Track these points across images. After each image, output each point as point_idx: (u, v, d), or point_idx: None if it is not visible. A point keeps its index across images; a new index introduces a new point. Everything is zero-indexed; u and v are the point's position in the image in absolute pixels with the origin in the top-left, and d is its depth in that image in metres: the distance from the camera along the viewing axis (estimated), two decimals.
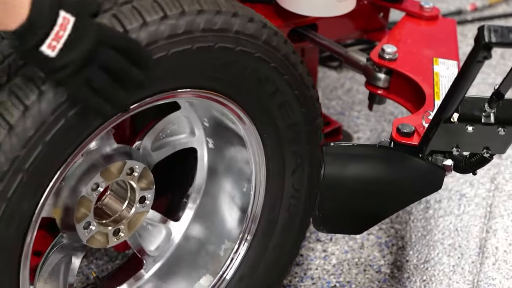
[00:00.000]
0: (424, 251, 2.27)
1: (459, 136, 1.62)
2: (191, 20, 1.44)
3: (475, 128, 1.58)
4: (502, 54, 3.20)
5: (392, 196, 1.76)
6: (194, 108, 1.73)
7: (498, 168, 2.58)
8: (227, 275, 1.86)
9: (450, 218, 2.38)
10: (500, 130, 1.58)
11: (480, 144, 1.63)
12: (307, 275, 2.18)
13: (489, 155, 1.66)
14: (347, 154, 1.72)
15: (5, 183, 1.31)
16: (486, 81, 3.01)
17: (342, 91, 2.92)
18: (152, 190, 1.68)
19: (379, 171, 1.72)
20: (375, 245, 2.28)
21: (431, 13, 2.26)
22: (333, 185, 1.72)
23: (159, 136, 1.73)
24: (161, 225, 1.84)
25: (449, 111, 1.57)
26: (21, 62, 1.31)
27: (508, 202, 2.45)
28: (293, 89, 1.68)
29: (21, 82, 1.30)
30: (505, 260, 2.24)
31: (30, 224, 1.39)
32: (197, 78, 1.53)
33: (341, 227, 1.85)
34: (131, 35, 1.36)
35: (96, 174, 1.55)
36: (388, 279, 2.18)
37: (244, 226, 1.83)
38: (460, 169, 1.73)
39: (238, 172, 1.82)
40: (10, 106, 1.29)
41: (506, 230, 2.34)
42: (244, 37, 1.54)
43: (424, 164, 1.68)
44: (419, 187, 1.75)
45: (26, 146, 1.30)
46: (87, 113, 1.35)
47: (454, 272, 2.20)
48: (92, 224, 1.59)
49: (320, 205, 1.76)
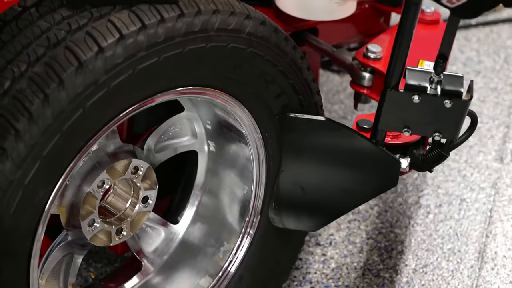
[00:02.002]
0: (423, 255, 2.27)
1: (407, 112, 1.62)
2: (206, 19, 1.46)
3: (421, 98, 1.59)
4: (506, 59, 3.19)
5: (347, 185, 1.76)
6: (198, 110, 1.74)
7: (500, 173, 2.58)
8: (226, 276, 1.86)
9: (450, 223, 2.38)
10: (447, 102, 1.59)
11: (430, 124, 1.64)
12: (306, 279, 2.18)
13: (446, 151, 1.67)
14: (303, 130, 1.72)
15: (23, 170, 1.31)
16: (489, 85, 3.00)
17: (345, 95, 2.92)
18: (155, 190, 1.69)
19: (333, 150, 1.73)
20: (375, 249, 2.28)
21: (432, 17, 2.27)
22: (289, 170, 1.73)
23: (162, 138, 1.75)
24: (160, 227, 1.85)
25: (395, 77, 1.60)
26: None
27: (508, 207, 2.45)
28: (298, 94, 1.70)
29: (42, 70, 1.31)
30: (504, 265, 2.24)
31: (42, 215, 1.39)
32: (206, 77, 1.55)
33: (297, 221, 1.84)
34: (149, 31, 1.38)
35: (102, 171, 1.56)
36: (387, 283, 2.18)
37: (243, 227, 1.84)
38: (417, 166, 1.75)
39: (239, 174, 1.83)
40: (30, 94, 1.30)
41: (506, 235, 2.34)
42: (256, 39, 1.56)
43: (377, 149, 1.69)
44: (374, 177, 1.74)
45: (45, 134, 1.31)
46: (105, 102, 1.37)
47: (453, 277, 2.20)
48: (96, 221, 1.61)
49: (276, 196, 1.78)
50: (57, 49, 1.33)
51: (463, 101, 1.59)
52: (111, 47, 1.34)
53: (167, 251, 1.88)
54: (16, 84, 1.32)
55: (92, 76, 1.33)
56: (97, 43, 1.33)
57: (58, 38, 1.34)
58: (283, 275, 2.00)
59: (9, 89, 1.31)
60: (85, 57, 1.32)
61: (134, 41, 1.36)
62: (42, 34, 1.36)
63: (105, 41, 1.34)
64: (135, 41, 1.36)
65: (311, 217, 1.82)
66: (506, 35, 3.36)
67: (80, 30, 1.35)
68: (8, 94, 1.31)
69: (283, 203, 1.79)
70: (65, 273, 1.68)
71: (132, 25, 1.37)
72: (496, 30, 3.40)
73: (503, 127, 2.79)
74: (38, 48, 1.34)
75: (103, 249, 2.16)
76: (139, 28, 1.37)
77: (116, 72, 1.36)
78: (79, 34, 1.35)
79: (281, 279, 2.00)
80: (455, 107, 1.59)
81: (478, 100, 2.89)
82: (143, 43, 1.38)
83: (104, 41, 1.34)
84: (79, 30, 1.35)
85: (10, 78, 1.32)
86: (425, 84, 1.59)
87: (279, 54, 1.62)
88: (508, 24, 3.44)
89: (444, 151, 1.69)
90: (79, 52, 1.32)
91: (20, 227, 1.36)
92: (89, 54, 1.33)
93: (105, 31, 1.35)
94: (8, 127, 1.30)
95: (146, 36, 1.38)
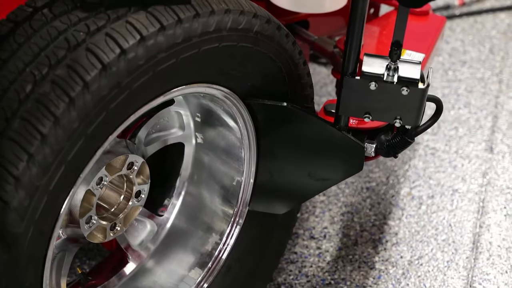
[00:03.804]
0: (418, 247, 2.27)
1: (366, 98, 1.62)
2: (220, 19, 1.45)
3: (378, 85, 1.59)
4: (491, 49, 3.20)
5: (313, 170, 1.76)
6: (188, 103, 1.73)
7: (490, 163, 2.58)
8: (215, 267, 1.86)
9: (443, 214, 2.38)
10: (404, 89, 1.59)
11: (390, 111, 1.63)
12: (302, 272, 2.17)
13: (410, 136, 1.67)
14: (268, 116, 1.72)
15: (49, 176, 1.29)
16: (475, 76, 3.01)
17: (332, 87, 2.92)
18: (147, 184, 1.68)
19: (298, 136, 1.73)
20: (369, 242, 2.27)
21: (421, 8, 2.27)
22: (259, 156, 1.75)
23: (150, 131, 1.74)
24: (146, 220, 1.84)
25: (352, 64, 1.60)
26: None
27: (500, 197, 2.45)
28: (289, 86, 1.69)
29: (65, 73, 1.29)
30: (499, 255, 2.24)
31: (58, 218, 1.37)
32: (213, 74, 1.55)
33: (267, 204, 1.86)
34: (167, 32, 1.37)
35: (101, 168, 1.55)
36: (383, 275, 2.17)
37: (232, 217, 1.85)
38: (382, 152, 1.75)
39: (229, 165, 1.83)
40: (54, 97, 1.28)
41: (500, 225, 2.35)
42: (262, 37, 1.56)
43: (340, 134, 1.69)
44: (338, 162, 1.75)
45: (71, 138, 1.29)
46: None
47: (449, 268, 2.20)
48: (93, 218, 1.59)
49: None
50: (78, 51, 1.30)
51: (419, 89, 1.59)
52: (133, 48, 1.32)
53: (153, 243, 1.87)
54: (38, 87, 1.28)
55: (116, 78, 1.31)
56: (119, 44, 1.31)
57: (78, 40, 1.31)
58: (271, 264, 2.01)
59: (31, 92, 1.28)
60: (108, 59, 1.30)
61: (154, 42, 1.35)
62: (59, 35, 1.33)
63: (127, 42, 1.32)
64: (155, 43, 1.35)
65: (280, 201, 1.84)
66: (490, 25, 3.37)
67: (99, 32, 1.33)
68: (30, 98, 1.28)
69: (254, 187, 1.81)
70: (57, 270, 1.67)
71: (151, 26, 1.35)
72: (480, 20, 3.41)
73: (491, 117, 2.79)
74: (58, 50, 1.31)
75: (95, 245, 2.15)
76: (158, 29, 1.35)
77: (137, 74, 1.34)
78: (99, 36, 1.32)
79: (269, 268, 2.01)
80: (412, 94, 1.59)
81: (466, 91, 2.89)
82: (163, 44, 1.36)
83: (126, 42, 1.32)
84: (98, 32, 1.33)
85: (31, 82, 1.29)
86: (382, 71, 1.59)
87: (280, 51, 1.63)
88: (491, 15, 3.45)
89: (408, 136, 1.69)
90: (102, 54, 1.30)
91: (42, 232, 1.34)
92: (112, 56, 1.30)
93: (125, 32, 1.32)
94: (33, 132, 1.26)
95: (165, 37, 1.36)
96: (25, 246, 1.31)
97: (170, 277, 1.88)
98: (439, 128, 2.72)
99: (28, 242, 1.31)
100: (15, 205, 1.26)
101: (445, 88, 2.90)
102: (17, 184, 1.25)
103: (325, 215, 2.36)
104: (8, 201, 1.25)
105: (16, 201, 1.26)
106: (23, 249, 1.31)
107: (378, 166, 2.56)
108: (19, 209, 1.26)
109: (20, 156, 1.25)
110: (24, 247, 1.31)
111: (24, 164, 1.25)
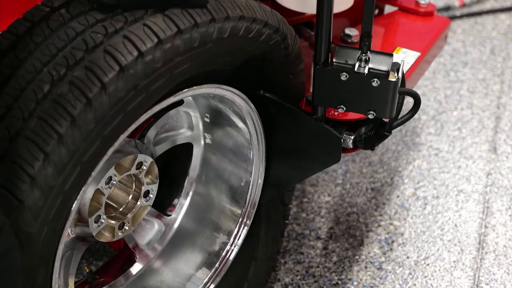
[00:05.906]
0: (424, 247, 2.27)
1: (339, 89, 1.62)
2: (234, 25, 1.46)
3: (349, 76, 1.59)
4: (492, 50, 3.21)
5: (292, 160, 1.78)
6: (197, 104, 1.74)
7: (494, 163, 2.59)
8: (223, 267, 1.87)
9: (449, 214, 2.38)
10: (374, 81, 1.59)
11: (362, 102, 1.63)
12: (309, 273, 2.17)
13: (386, 130, 1.67)
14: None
15: (64, 176, 1.29)
16: (477, 76, 3.01)
17: None
18: (156, 184, 1.69)
19: (277, 126, 1.74)
20: (375, 242, 2.27)
21: (426, 9, 2.28)
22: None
23: (159, 131, 1.74)
24: (154, 219, 1.84)
25: (323, 53, 1.60)
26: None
27: (505, 197, 2.45)
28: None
29: (83, 74, 1.29)
30: (505, 255, 2.25)
31: (69, 218, 1.37)
32: (222, 76, 1.57)
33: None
34: (184, 36, 1.37)
35: (110, 167, 1.55)
36: (390, 275, 2.17)
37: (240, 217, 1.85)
38: (360, 144, 1.74)
39: (237, 165, 1.83)
40: (72, 98, 1.27)
41: (505, 225, 2.35)
42: (267, 46, 1.58)
43: (317, 124, 1.69)
44: (316, 152, 1.75)
45: (87, 139, 1.29)
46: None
47: (455, 268, 2.20)
48: (102, 217, 1.60)
49: None
50: (96, 53, 1.30)
51: (389, 81, 1.58)
52: (150, 51, 1.32)
53: (161, 242, 1.88)
54: (56, 88, 1.28)
55: (133, 80, 1.31)
56: (137, 47, 1.31)
57: (96, 42, 1.31)
58: (270, 262, 2.03)
59: (49, 93, 1.28)
60: (125, 62, 1.30)
61: (171, 45, 1.35)
62: (76, 36, 1.33)
63: (144, 45, 1.32)
64: (172, 46, 1.35)
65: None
66: (490, 26, 3.38)
67: (117, 34, 1.33)
68: (47, 98, 1.27)
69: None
70: (65, 269, 1.67)
71: (168, 29, 1.35)
72: (481, 21, 3.42)
73: (493, 118, 2.80)
74: (76, 51, 1.31)
75: (102, 246, 2.15)
76: (176, 32, 1.36)
77: (154, 76, 1.34)
78: (117, 38, 1.32)
79: (268, 266, 2.03)
80: (382, 86, 1.59)
81: (468, 91, 2.90)
82: (180, 47, 1.37)
83: (143, 45, 1.32)
84: (116, 34, 1.33)
85: (49, 82, 1.29)
86: (353, 62, 1.59)
87: (284, 56, 1.64)
88: (491, 15, 3.46)
89: (384, 129, 1.68)
90: (120, 56, 1.30)
91: (55, 232, 1.34)
92: (130, 58, 1.30)
93: (143, 35, 1.33)
94: (50, 131, 1.26)
95: (182, 41, 1.37)
96: (39, 246, 1.31)
97: (177, 277, 1.88)
98: (442, 129, 2.73)
99: (41, 242, 1.31)
100: (30, 205, 1.25)
101: (447, 89, 2.91)
102: (33, 183, 1.25)
103: (330, 215, 2.36)
104: (23, 200, 1.25)
105: (31, 200, 1.25)
106: (36, 248, 1.30)
107: (383, 167, 2.56)
108: (34, 209, 1.26)
109: (37, 155, 1.25)
110: (37, 246, 1.30)
111: (40, 163, 1.25)
